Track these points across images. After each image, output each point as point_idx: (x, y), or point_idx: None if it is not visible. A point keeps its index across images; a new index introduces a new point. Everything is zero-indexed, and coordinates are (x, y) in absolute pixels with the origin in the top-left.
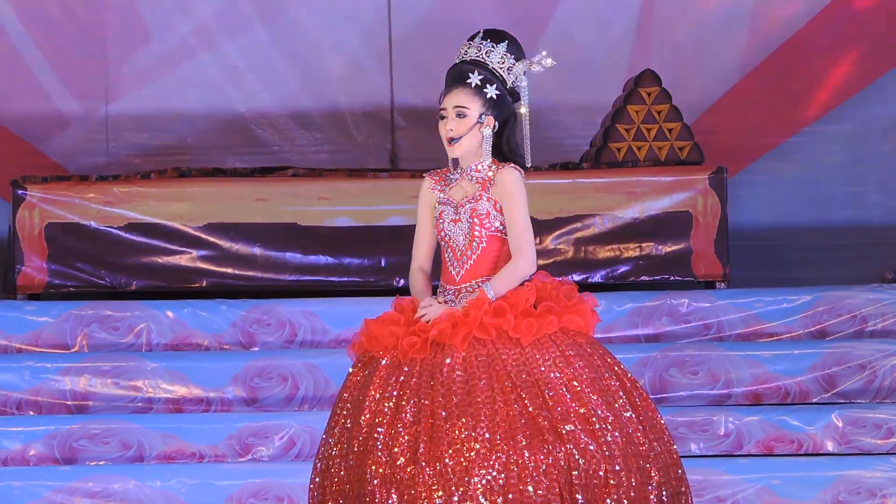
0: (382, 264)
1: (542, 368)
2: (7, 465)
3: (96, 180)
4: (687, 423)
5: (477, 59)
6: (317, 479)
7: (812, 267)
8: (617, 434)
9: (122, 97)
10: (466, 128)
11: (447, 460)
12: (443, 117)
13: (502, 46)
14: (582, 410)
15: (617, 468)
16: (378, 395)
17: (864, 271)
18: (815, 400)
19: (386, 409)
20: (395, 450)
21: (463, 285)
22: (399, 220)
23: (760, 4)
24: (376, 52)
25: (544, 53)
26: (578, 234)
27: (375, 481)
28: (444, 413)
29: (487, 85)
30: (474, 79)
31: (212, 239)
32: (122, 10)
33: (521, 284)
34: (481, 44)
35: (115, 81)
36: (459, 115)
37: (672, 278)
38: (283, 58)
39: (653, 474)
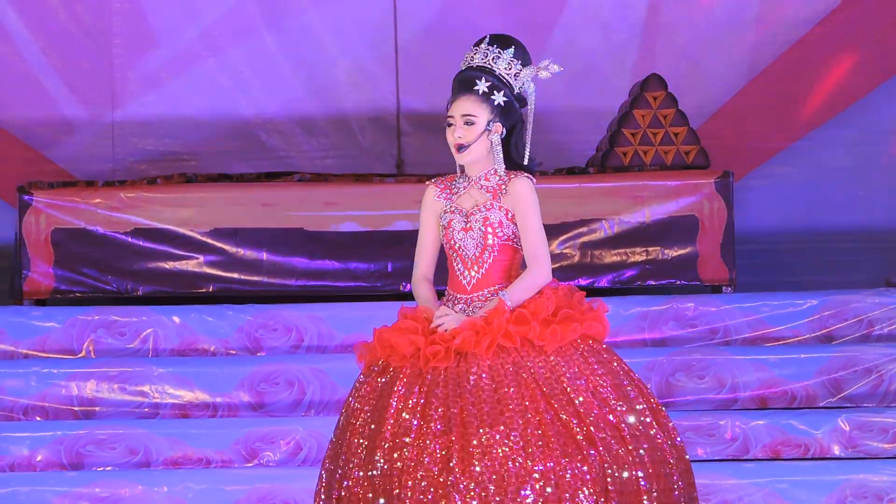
0: (389, 269)
1: (568, 375)
2: (14, 471)
3: (102, 186)
4: (693, 427)
5: (484, 65)
6: (324, 487)
7: (818, 271)
8: (643, 440)
9: (128, 103)
10: (475, 135)
11: (482, 470)
12: (450, 124)
13: (509, 52)
14: (611, 417)
15: (647, 474)
16: (401, 406)
17: (870, 275)
18: (821, 404)
19: (411, 419)
20: (426, 460)
21: (475, 294)
22: (405, 225)
23: (766, 9)
24: (382, 57)
25: (549, 61)
26: (585, 239)
27: (408, 493)
28: (475, 422)
29: (495, 92)
30: (482, 86)
31: (218, 244)
32: (128, 16)
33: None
34: (488, 49)
35: (122, 87)
36: (468, 123)
37: (678, 282)
38: (290, 63)
39: (675, 478)
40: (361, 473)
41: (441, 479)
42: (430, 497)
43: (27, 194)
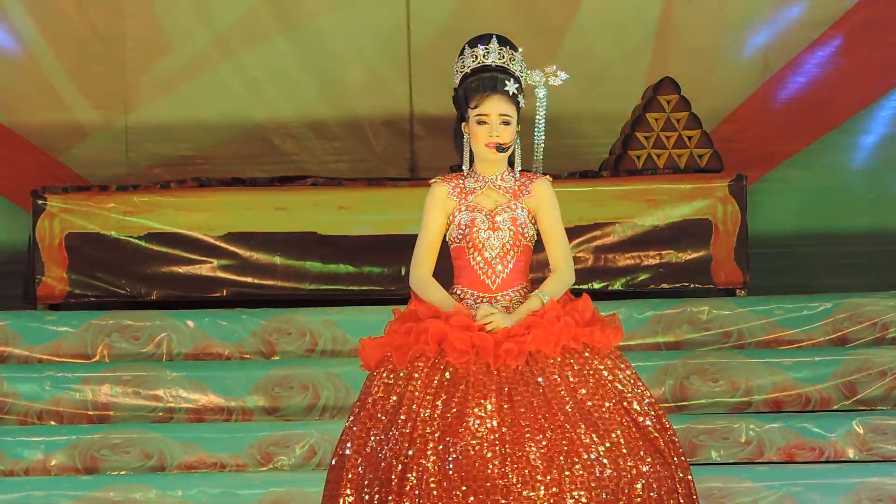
0: (402, 273)
1: (622, 377)
2: (28, 475)
3: (116, 190)
4: (707, 430)
5: (503, 65)
6: (363, 473)
7: (832, 274)
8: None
9: (141, 107)
10: (512, 136)
11: (586, 468)
12: (484, 122)
13: (519, 56)
14: (664, 422)
15: (690, 478)
16: (480, 401)
17: (884, 278)
18: (835, 407)
19: (493, 416)
20: (532, 456)
21: (500, 293)
22: (419, 228)
23: (778, 12)
24: (395, 61)
25: (556, 67)
26: (598, 242)
27: (514, 487)
28: (561, 416)
29: (519, 95)
30: (511, 87)
31: (232, 248)
32: (141, 21)
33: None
34: (501, 50)
35: (135, 92)
36: (505, 123)
37: (692, 286)
38: (302, 67)
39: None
40: (437, 468)
41: (548, 478)
42: (541, 493)
43: (41, 199)
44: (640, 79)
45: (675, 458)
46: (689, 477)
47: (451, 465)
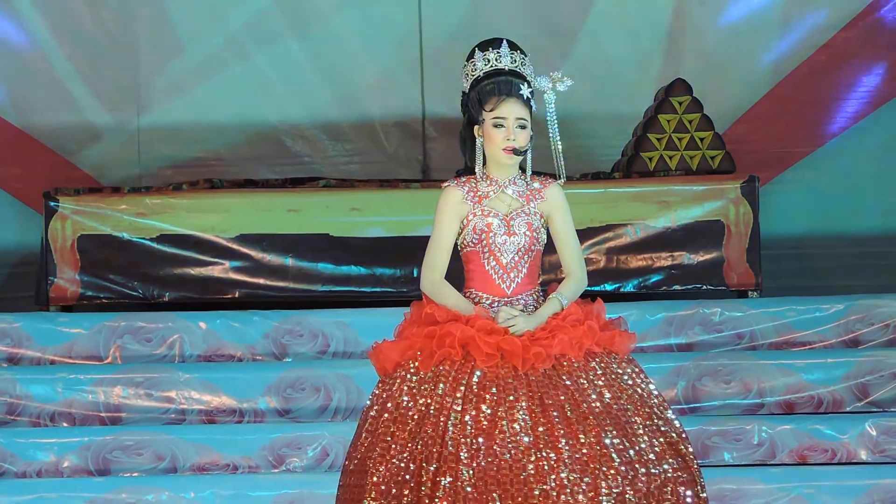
0: (414, 275)
1: (638, 380)
2: (41, 477)
3: (128, 192)
4: (720, 432)
5: (516, 69)
6: (395, 474)
7: (844, 275)
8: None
9: (153, 109)
10: (527, 140)
11: (613, 474)
12: (501, 125)
13: (528, 61)
14: (678, 424)
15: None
16: (513, 405)
17: None
18: (848, 409)
19: (527, 421)
20: (567, 461)
21: (514, 297)
22: (431, 230)
23: (791, 13)
24: (408, 63)
25: (562, 72)
26: (610, 244)
27: (555, 489)
28: (592, 420)
29: (532, 99)
30: (525, 91)
31: (244, 250)
32: (153, 23)
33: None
34: (513, 54)
35: (147, 93)
36: (521, 127)
37: (704, 287)
38: (315, 69)
39: None
40: (471, 471)
41: (584, 483)
42: (579, 499)
43: (53, 200)
44: (652, 80)
45: (695, 463)
46: (703, 481)
47: (485, 469)
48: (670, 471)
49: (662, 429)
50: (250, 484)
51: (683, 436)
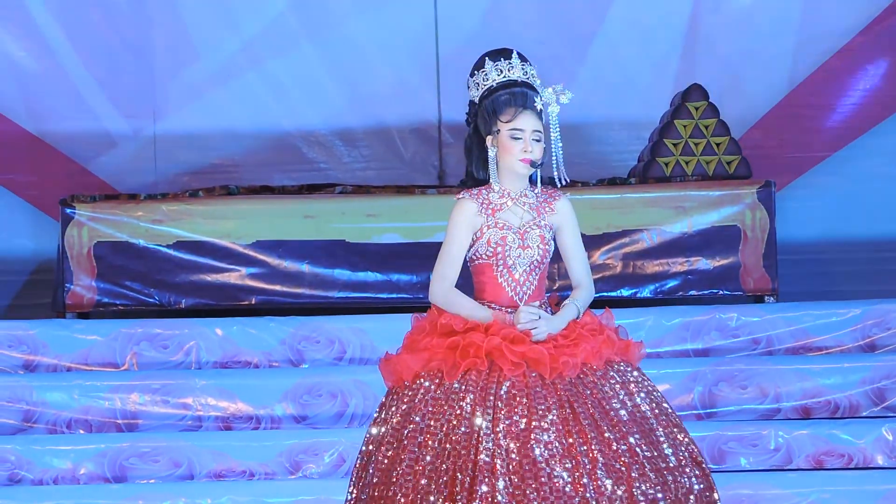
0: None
1: (650, 388)
2: (58, 484)
3: (144, 199)
4: (736, 437)
5: (527, 81)
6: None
7: (861, 280)
8: None
9: (169, 115)
10: (541, 152)
11: (647, 482)
12: (518, 137)
13: (536, 72)
14: (687, 432)
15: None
16: (545, 415)
17: None
18: (865, 414)
19: (557, 428)
20: (600, 470)
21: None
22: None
23: (807, 18)
24: (424, 68)
25: (563, 85)
26: (627, 249)
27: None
28: (622, 427)
29: (542, 111)
30: (539, 104)
31: (260, 256)
32: (169, 29)
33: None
34: (524, 66)
35: (163, 100)
36: (537, 140)
37: (721, 293)
38: (331, 75)
39: None
40: (508, 480)
41: (620, 491)
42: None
43: (69, 207)
44: (668, 86)
45: (709, 469)
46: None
47: (522, 478)
48: (694, 478)
49: (679, 437)
50: (267, 490)
51: (695, 444)
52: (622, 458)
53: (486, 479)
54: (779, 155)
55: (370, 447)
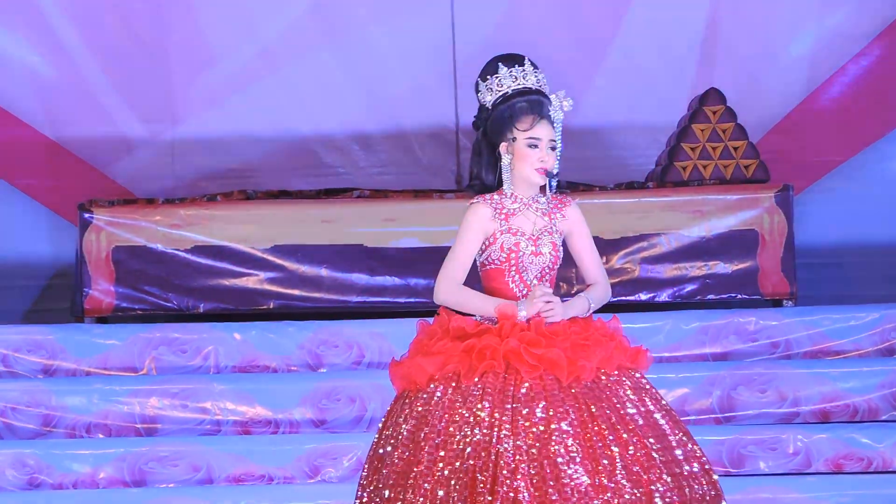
0: None
1: (659, 396)
2: (77, 488)
3: (162, 203)
4: (755, 441)
5: (541, 89)
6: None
7: (880, 284)
8: None
9: (187, 120)
10: (555, 161)
11: (663, 488)
12: (535, 146)
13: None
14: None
15: None
16: (565, 419)
17: None
18: (884, 417)
19: (577, 431)
20: (619, 473)
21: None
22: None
23: (826, 22)
24: (441, 73)
25: (564, 92)
26: (645, 254)
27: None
28: (638, 431)
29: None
30: (552, 112)
31: (279, 261)
32: (187, 34)
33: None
34: (536, 73)
35: (181, 105)
36: (553, 148)
37: (739, 297)
38: (348, 80)
39: None
40: (529, 481)
41: (638, 493)
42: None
43: (87, 212)
44: (686, 90)
45: (715, 476)
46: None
47: (544, 479)
48: (706, 484)
49: (689, 445)
50: (286, 495)
51: (703, 452)
52: (640, 461)
53: (508, 481)
54: (797, 159)
55: (382, 451)
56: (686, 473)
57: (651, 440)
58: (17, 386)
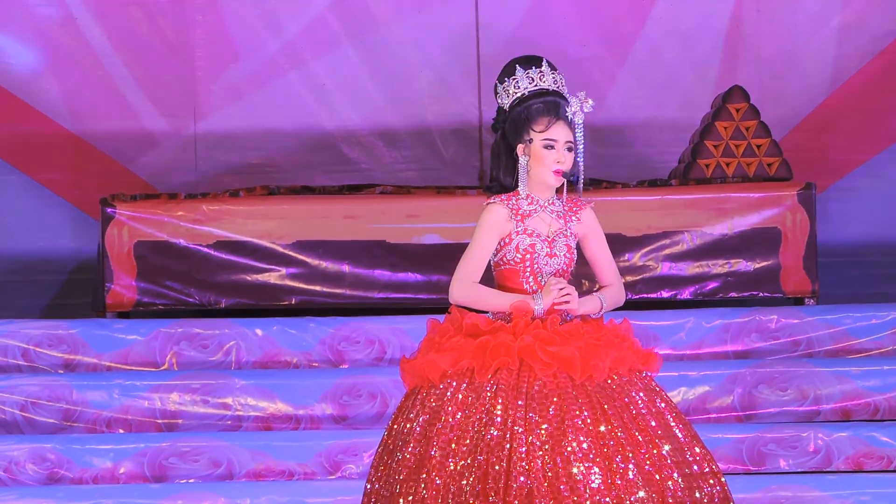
0: None
1: (668, 398)
2: (98, 483)
3: (185, 198)
4: (776, 439)
5: (558, 90)
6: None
7: None
8: None
9: (210, 116)
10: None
11: (672, 487)
12: (552, 147)
13: (564, 80)
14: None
15: None
16: (582, 417)
17: None
18: None
19: (590, 429)
20: (631, 473)
21: (549, 317)
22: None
23: (848, 21)
24: (465, 69)
25: (584, 93)
26: (667, 251)
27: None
28: (650, 431)
29: (571, 120)
30: (570, 114)
31: (301, 257)
32: (210, 30)
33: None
34: (554, 74)
35: (204, 100)
36: (569, 150)
37: (761, 294)
38: (371, 76)
39: None
40: (542, 475)
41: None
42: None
43: (110, 207)
44: (709, 87)
45: (723, 479)
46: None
47: (557, 476)
48: (716, 485)
49: (697, 448)
50: (306, 490)
51: (711, 455)
52: (653, 460)
53: (521, 477)
54: (819, 157)
55: (392, 445)
56: (696, 475)
57: (662, 440)
58: (38, 380)
